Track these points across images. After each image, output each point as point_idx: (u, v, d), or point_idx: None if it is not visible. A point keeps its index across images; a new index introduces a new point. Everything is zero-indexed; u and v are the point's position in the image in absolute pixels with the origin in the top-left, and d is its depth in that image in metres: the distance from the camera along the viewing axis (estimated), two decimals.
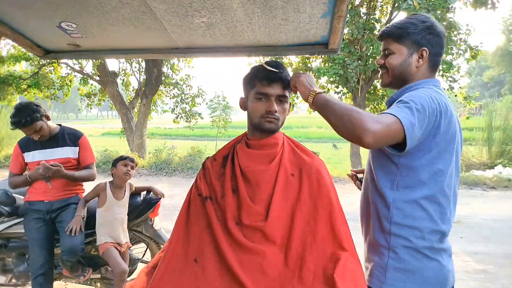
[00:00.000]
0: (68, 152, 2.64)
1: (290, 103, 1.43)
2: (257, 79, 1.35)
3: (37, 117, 2.47)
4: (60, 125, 2.74)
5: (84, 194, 2.80)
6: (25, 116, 2.43)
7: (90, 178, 2.70)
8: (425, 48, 1.31)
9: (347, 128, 1.11)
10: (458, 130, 1.31)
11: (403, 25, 1.33)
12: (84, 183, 2.81)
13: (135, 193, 2.85)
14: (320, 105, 1.21)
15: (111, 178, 2.73)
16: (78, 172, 2.64)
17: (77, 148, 2.67)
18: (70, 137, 2.68)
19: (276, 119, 1.34)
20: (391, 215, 1.27)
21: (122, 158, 2.71)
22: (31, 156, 2.60)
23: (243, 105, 1.45)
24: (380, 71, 1.43)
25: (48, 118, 2.57)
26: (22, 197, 2.71)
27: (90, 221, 2.73)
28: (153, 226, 2.94)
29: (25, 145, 2.62)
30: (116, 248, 2.60)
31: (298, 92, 1.35)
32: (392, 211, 1.27)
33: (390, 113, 1.12)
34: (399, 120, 1.10)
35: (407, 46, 1.32)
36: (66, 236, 2.49)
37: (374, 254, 1.33)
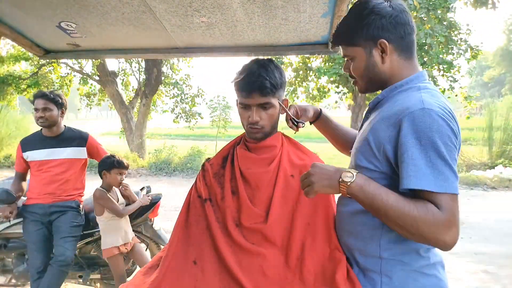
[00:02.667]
0: (71, 153, 2.64)
1: (287, 101, 1.40)
2: (237, 89, 1.32)
3: (59, 102, 2.60)
4: (65, 126, 2.74)
5: (83, 198, 2.79)
6: (52, 94, 2.59)
7: None
8: (383, 40, 1.08)
9: (416, 238, 0.95)
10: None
11: (346, 23, 1.15)
12: (85, 186, 2.81)
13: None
14: (360, 199, 1.01)
15: None
16: None
17: (84, 148, 2.70)
18: (75, 138, 2.70)
19: (259, 128, 1.31)
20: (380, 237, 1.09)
21: (117, 166, 2.51)
22: (32, 155, 2.60)
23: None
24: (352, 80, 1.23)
25: (63, 112, 2.66)
26: (24, 198, 2.71)
27: (90, 222, 2.73)
28: (153, 226, 2.93)
29: (27, 145, 2.63)
30: (121, 251, 2.53)
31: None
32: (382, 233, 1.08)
33: (447, 193, 0.91)
34: (456, 195, 0.93)
35: (362, 45, 1.11)
36: (58, 245, 2.50)
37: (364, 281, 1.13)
